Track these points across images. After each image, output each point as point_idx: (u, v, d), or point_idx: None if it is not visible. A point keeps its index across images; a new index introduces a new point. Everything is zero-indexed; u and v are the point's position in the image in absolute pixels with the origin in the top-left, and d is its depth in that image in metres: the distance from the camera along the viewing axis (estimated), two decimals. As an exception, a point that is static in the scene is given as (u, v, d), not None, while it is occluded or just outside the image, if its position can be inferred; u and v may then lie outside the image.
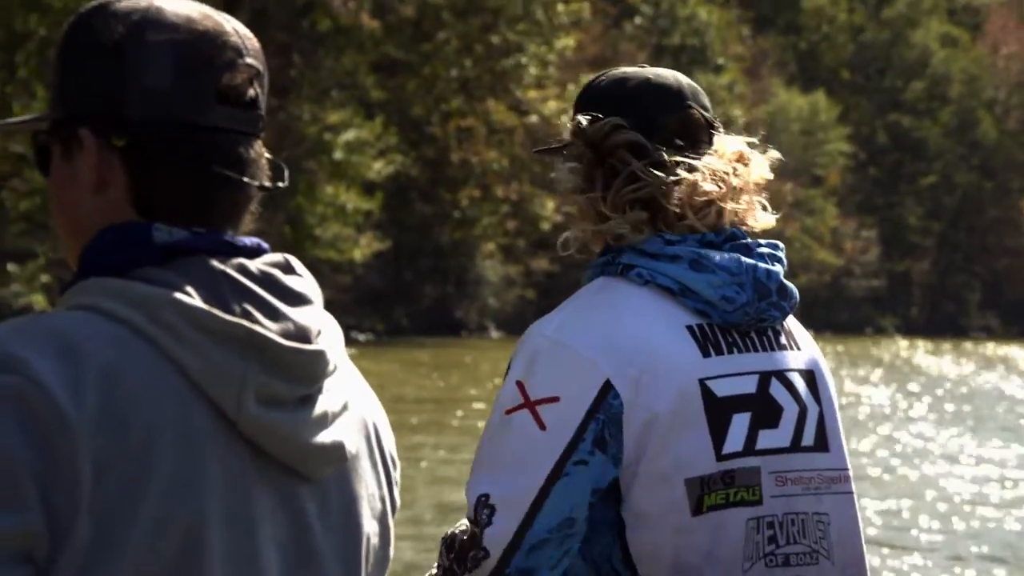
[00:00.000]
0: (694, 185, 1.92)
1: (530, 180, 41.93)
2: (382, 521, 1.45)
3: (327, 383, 1.37)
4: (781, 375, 1.92)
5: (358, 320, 37.38)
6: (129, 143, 1.34)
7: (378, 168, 34.65)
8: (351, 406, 1.41)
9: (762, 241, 2.00)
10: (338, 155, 33.68)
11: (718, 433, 1.86)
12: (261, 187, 1.40)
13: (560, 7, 38.06)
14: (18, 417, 1.22)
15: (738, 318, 1.91)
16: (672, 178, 1.92)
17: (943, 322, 54.82)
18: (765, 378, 1.91)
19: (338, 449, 1.37)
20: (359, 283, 37.49)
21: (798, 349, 1.97)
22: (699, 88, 2.04)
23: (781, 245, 2.02)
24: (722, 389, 1.88)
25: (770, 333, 1.95)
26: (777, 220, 2.03)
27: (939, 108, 56.20)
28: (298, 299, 1.36)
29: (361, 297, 37.94)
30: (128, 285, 1.29)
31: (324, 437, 1.36)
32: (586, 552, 1.88)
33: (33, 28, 24.69)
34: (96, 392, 1.25)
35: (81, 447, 1.23)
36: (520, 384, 1.87)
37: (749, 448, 1.87)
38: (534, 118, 40.00)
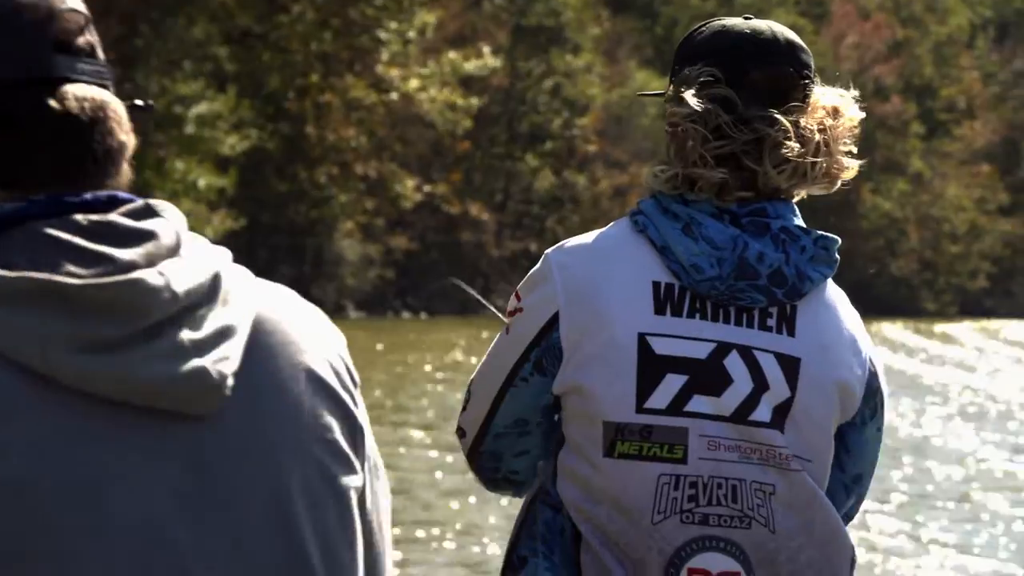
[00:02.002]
0: (774, 143, 1.85)
1: (390, 158, 39.26)
2: (329, 447, 1.26)
3: (193, 313, 1.22)
4: (746, 351, 1.84)
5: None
6: None
7: (232, 143, 31.60)
8: (237, 330, 1.23)
9: (793, 226, 1.87)
10: (189, 129, 30.56)
11: (645, 387, 1.83)
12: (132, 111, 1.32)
13: (419, -19, 35.41)
14: None
15: (704, 289, 1.84)
16: (753, 136, 1.85)
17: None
18: (723, 348, 1.84)
19: (200, 377, 1.20)
20: (212, 261, 34.36)
21: (790, 335, 1.86)
22: (799, 43, 1.92)
23: (829, 238, 1.88)
24: (663, 348, 1.84)
25: (755, 312, 1.86)
26: (634, 201, 1.97)
27: (786, 95, 54.94)
28: (136, 238, 1.22)
29: (215, 276, 34.84)
30: None
31: (180, 368, 1.20)
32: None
33: None
34: None
35: None
36: (516, 293, 1.94)
37: (675, 408, 1.83)
38: (394, 95, 37.33)
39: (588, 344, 1.85)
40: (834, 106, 1.89)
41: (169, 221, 1.28)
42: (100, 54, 1.29)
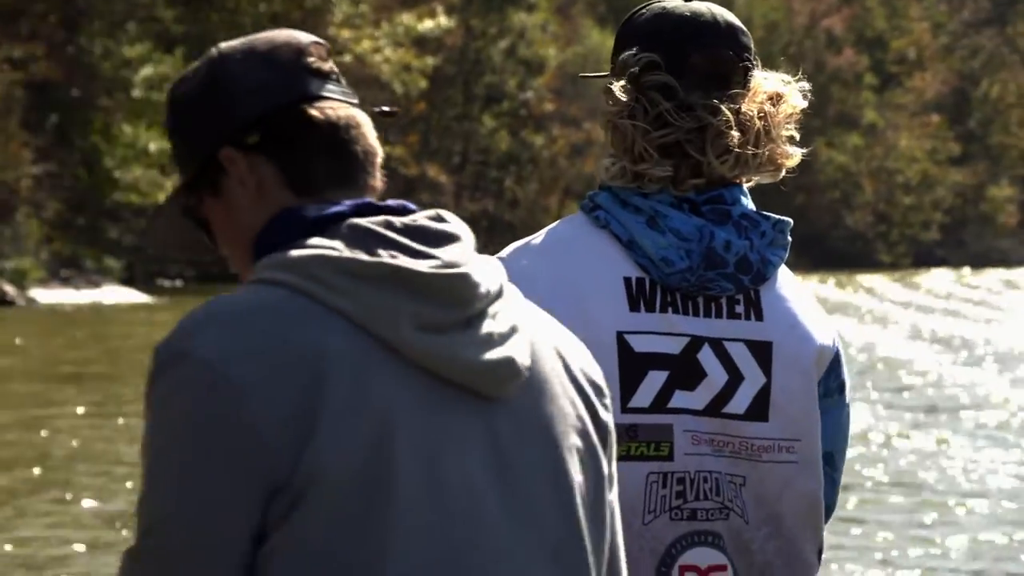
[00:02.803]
0: (717, 132, 1.78)
1: (344, 120, 38.15)
2: (585, 439, 1.41)
3: (492, 309, 1.37)
4: (717, 343, 1.80)
5: (163, 266, 33.07)
6: (262, 137, 1.40)
7: (181, 106, 30.33)
8: (522, 328, 1.39)
9: (751, 212, 1.82)
10: (136, 92, 29.28)
11: (628, 386, 1.78)
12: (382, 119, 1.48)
13: (369, -62, 34.13)
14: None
15: (675, 282, 1.79)
16: (696, 124, 1.79)
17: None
18: (695, 342, 1.80)
19: (508, 365, 1.35)
20: (166, 228, 33.09)
21: (758, 320, 1.82)
22: (739, 25, 1.85)
23: (784, 221, 1.84)
24: (641, 345, 1.79)
25: (722, 301, 1.81)
26: (591, 160, 1.49)
27: (740, 50, 54.18)
28: (446, 239, 1.38)
29: (169, 243, 33.59)
30: (281, 254, 1.34)
31: (492, 355, 1.35)
32: None
33: None
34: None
35: None
36: None
37: (659, 405, 1.79)
38: (347, 57, 36.10)
39: None
40: (776, 92, 1.82)
41: (462, 227, 1.39)
42: (342, 79, 1.46)
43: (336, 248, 1.32)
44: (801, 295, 1.87)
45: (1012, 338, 18.94)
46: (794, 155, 1.84)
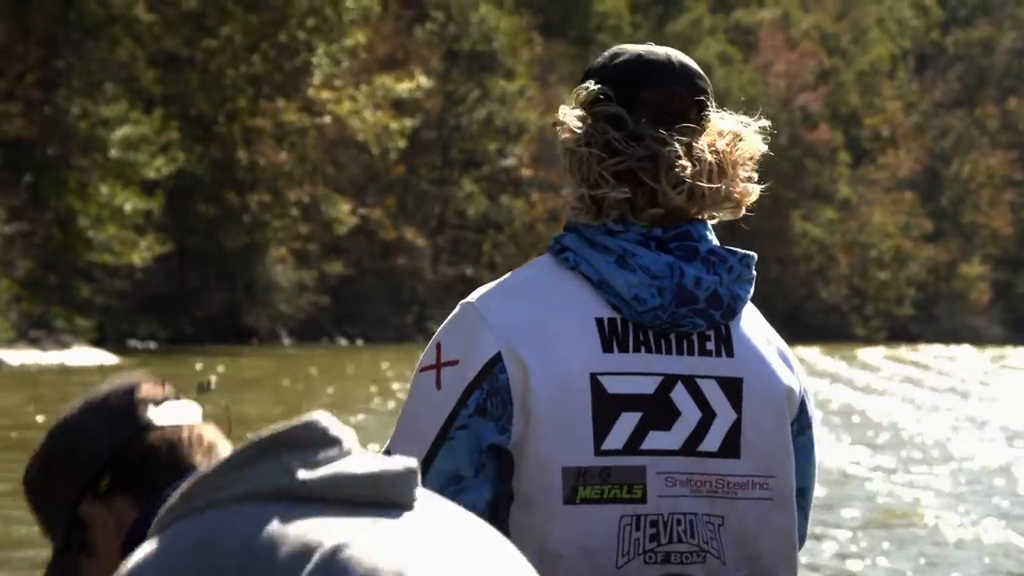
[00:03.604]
0: (668, 162, 1.78)
1: (323, 182, 37.74)
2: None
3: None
4: (689, 380, 1.80)
5: (135, 326, 32.44)
6: (112, 477, 1.45)
7: (158, 166, 29.90)
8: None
9: (718, 248, 1.82)
10: (113, 152, 28.84)
11: (601, 428, 1.75)
12: None
13: (349, 2, 33.99)
14: None
15: (648, 320, 1.78)
16: (646, 152, 1.78)
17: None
18: (669, 381, 1.79)
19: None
20: (139, 288, 32.56)
21: (728, 356, 1.82)
22: (694, 68, 1.86)
23: (749, 255, 1.84)
24: (615, 386, 1.76)
25: (694, 338, 1.81)
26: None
27: (717, 123, 54.38)
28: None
29: (141, 303, 33.01)
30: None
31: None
32: None
33: None
34: None
35: None
36: (438, 346, 1.81)
37: (631, 447, 1.76)
38: (327, 119, 35.86)
39: (540, 389, 1.74)
40: (732, 131, 1.83)
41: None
42: (180, 397, 1.53)
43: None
44: (766, 332, 1.87)
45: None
46: (753, 192, 1.83)
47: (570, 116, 1.80)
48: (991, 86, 68.11)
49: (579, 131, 1.79)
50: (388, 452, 1.77)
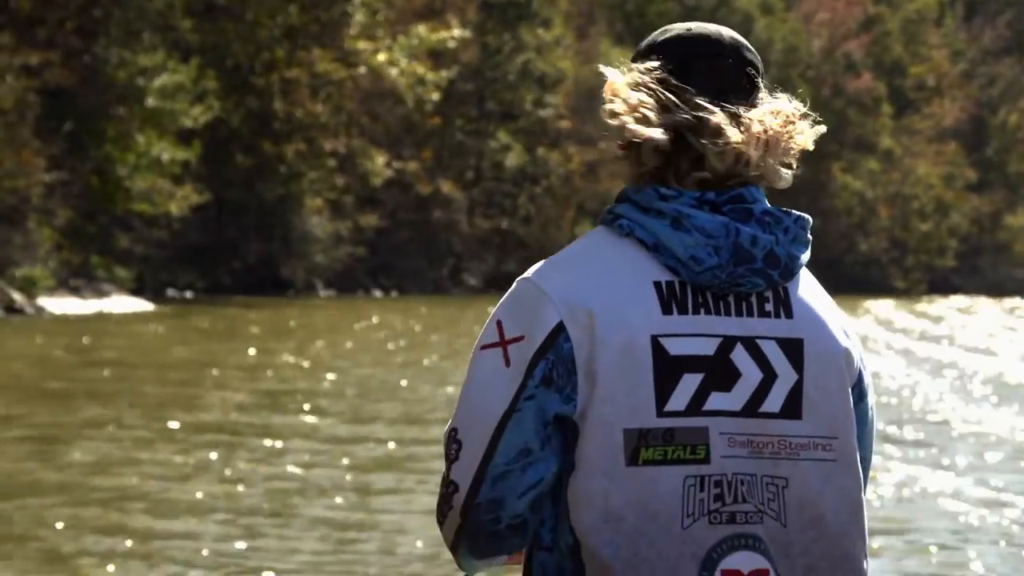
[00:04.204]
0: (715, 128, 1.81)
1: (359, 134, 37.94)
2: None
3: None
4: (749, 341, 1.82)
5: (173, 276, 32.89)
6: None
7: (195, 115, 30.19)
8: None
9: (772, 208, 1.85)
10: (151, 101, 29.15)
11: (663, 390, 1.78)
12: None
13: (386, -48, 34.00)
14: None
15: (706, 279, 1.81)
16: (694, 115, 1.81)
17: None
18: (728, 342, 1.81)
19: None
20: (177, 238, 32.97)
21: (788, 317, 1.84)
22: (746, 44, 1.90)
23: (804, 217, 1.87)
24: (676, 348, 1.79)
25: (753, 299, 1.83)
26: (605, 178, 1.81)
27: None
28: None
29: (179, 253, 33.44)
30: None
31: None
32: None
33: None
34: None
35: None
36: (499, 323, 1.83)
37: (694, 408, 1.79)
38: (363, 70, 36.00)
39: (602, 354, 1.78)
40: (780, 110, 1.85)
41: None
42: None
43: None
44: (824, 296, 1.90)
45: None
46: (785, 178, 1.86)
47: (615, 83, 1.83)
48: (1041, 34, 67.09)
49: (624, 95, 1.81)
50: (454, 430, 1.80)
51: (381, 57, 35.68)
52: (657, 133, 1.78)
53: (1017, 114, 63.48)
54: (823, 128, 1.87)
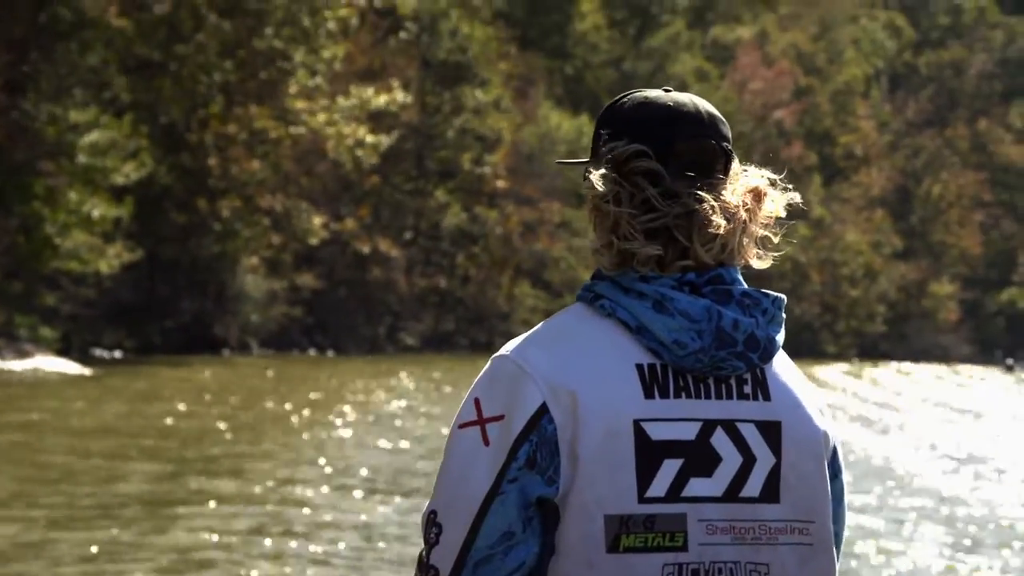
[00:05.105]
0: (703, 219, 1.79)
1: (296, 193, 36.92)
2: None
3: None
4: (729, 424, 1.78)
5: (101, 336, 31.52)
6: None
7: (127, 172, 29.01)
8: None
9: (751, 290, 1.83)
10: (82, 158, 27.94)
11: (644, 475, 1.74)
12: None
13: (327, 13, 33.19)
14: None
15: (689, 364, 1.78)
16: (683, 210, 1.80)
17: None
18: (709, 426, 1.77)
19: None
20: (106, 296, 31.63)
21: (766, 400, 1.81)
22: (718, 115, 1.86)
23: (781, 298, 1.85)
24: (658, 433, 1.75)
25: (732, 381, 1.80)
26: (544, 239, 1.85)
27: (692, 139, 53.93)
28: None
29: (108, 312, 32.08)
30: None
31: None
32: None
33: None
34: None
35: None
36: (477, 401, 1.79)
37: (673, 495, 1.75)
38: (302, 129, 35.06)
39: (585, 437, 1.74)
40: (756, 187, 1.83)
41: None
42: None
43: None
44: (797, 374, 1.87)
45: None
46: (764, 259, 1.84)
47: (597, 174, 1.78)
48: (962, 107, 67.95)
49: (609, 187, 1.77)
50: (434, 512, 1.75)
51: (321, 118, 34.76)
52: (652, 249, 1.76)
53: (940, 185, 64.00)
54: (796, 195, 1.84)
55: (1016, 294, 62.96)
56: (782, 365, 1.83)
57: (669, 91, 1.84)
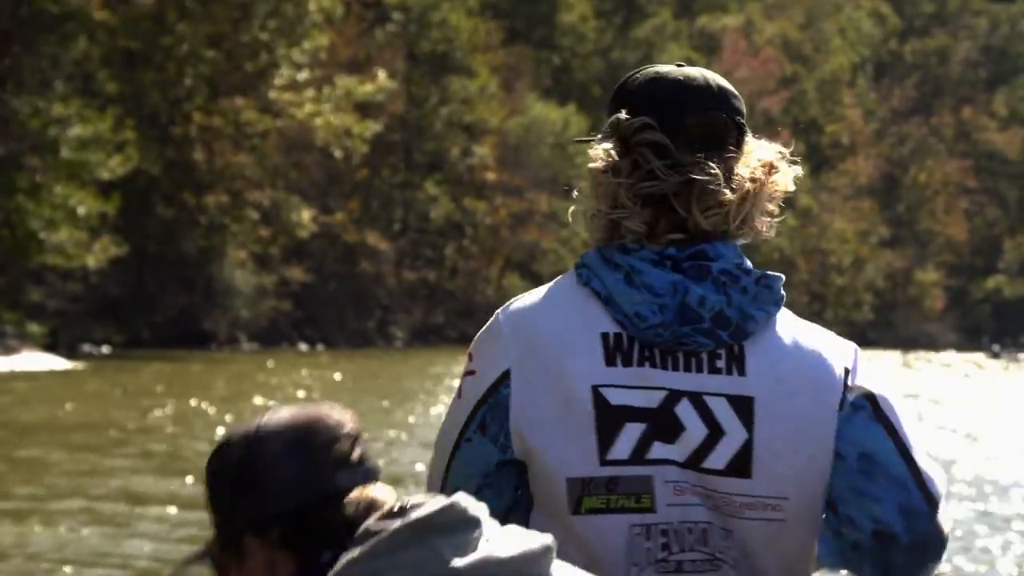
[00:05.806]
0: (704, 188, 1.79)
1: (284, 186, 36.42)
2: None
3: None
4: (696, 397, 1.78)
5: (89, 331, 31.00)
6: (283, 532, 1.49)
7: (113, 166, 28.49)
8: None
9: (731, 268, 1.78)
10: (66, 152, 27.41)
11: (605, 439, 1.76)
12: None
13: (312, 4, 32.68)
14: None
15: (649, 336, 1.78)
16: (683, 179, 1.79)
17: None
18: (674, 396, 1.77)
19: None
20: (93, 292, 31.10)
21: (740, 375, 1.79)
22: (731, 89, 1.85)
23: (774, 276, 1.81)
24: (617, 398, 1.77)
25: (704, 356, 1.79)
26: (533, 230, 1.90)
27: (680, 129, 53.74)
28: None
29: (96, 307, 31.55)
30: None
31: None
32: None
33: None
34: None
35: None
36: (470, 354, 1.86)
37: (637, 457, 1.76)
38: (288, 122, 34.56)
39: (542, 400, 1.76)
40: (769, 162, 1.82)
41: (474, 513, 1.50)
42: (367, 459, 1.52)
43: None
44: (803, 345, 1.79)
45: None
46: (771, 229, 1.83)
47: (602, 147, 1.78)
48: (947, 95, 67.72)
49: (611, 160, 1.78)
50: (438, 440, 1.84)
51: (307, 109, 34.25)
52: (636, 222, 1.76)
53: (925, 173, 63.76)
54: (799, 169, 1.83)
55: (1001, 281, 62.81)
56: (780, 336, 1.78)
57: (682, 66, 1.84)
